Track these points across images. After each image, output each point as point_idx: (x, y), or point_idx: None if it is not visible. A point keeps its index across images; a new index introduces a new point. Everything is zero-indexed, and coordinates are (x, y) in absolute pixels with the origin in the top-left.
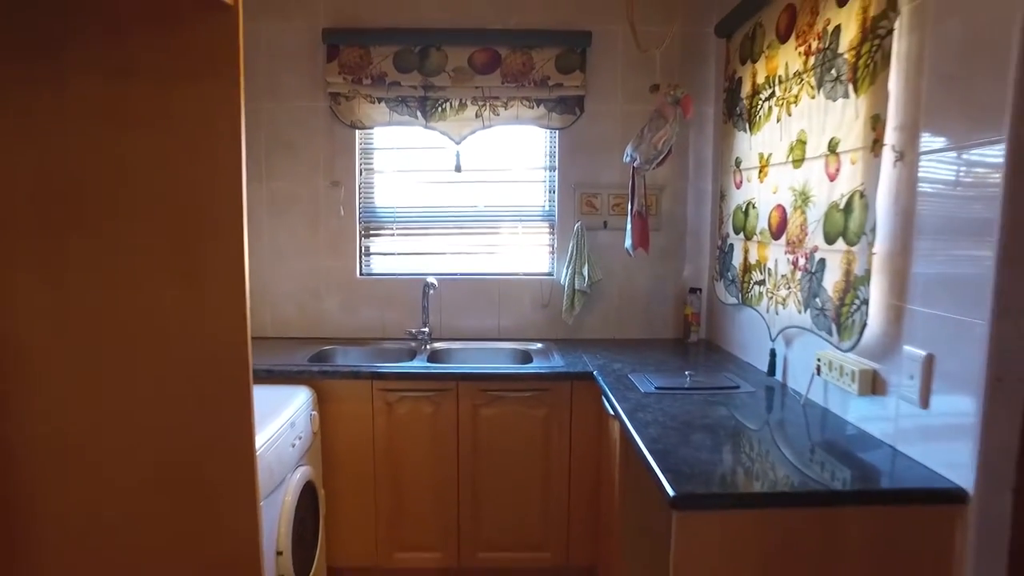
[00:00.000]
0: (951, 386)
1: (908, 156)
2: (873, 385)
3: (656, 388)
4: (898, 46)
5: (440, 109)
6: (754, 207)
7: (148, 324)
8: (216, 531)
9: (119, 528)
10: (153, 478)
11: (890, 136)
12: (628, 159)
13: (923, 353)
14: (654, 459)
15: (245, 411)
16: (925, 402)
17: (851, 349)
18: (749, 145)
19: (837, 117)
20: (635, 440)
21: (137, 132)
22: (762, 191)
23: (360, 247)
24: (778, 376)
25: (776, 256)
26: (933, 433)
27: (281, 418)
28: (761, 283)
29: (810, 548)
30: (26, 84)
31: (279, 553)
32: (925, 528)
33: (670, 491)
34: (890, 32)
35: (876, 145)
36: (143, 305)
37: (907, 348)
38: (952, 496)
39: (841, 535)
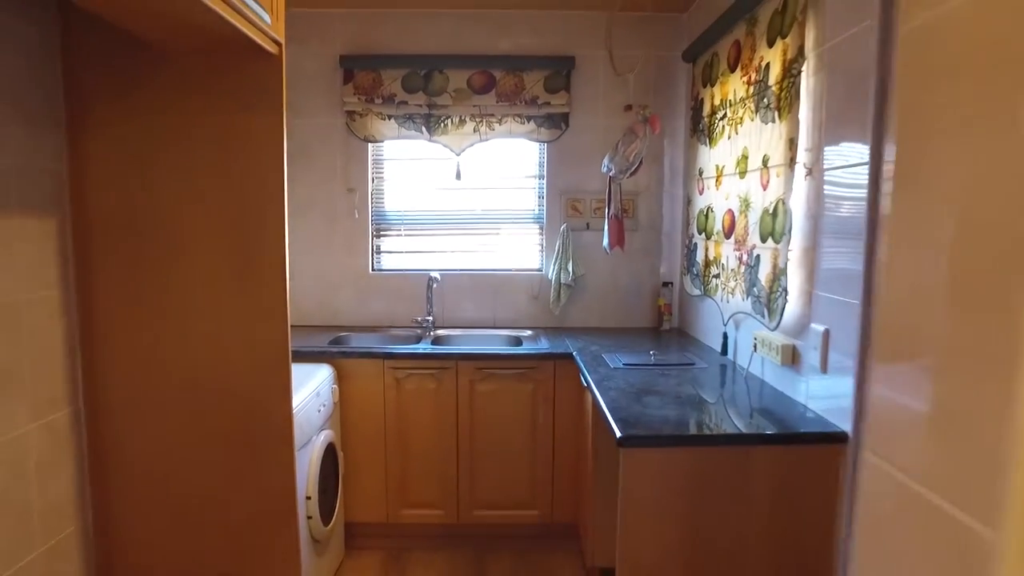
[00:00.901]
0: (840, 354)
1: (815, 172)
2: (792, 357)
3: (624, 364)
4: (806, 84)
5: (442, 125)
6: (712, 211)
7: (208, 308)
8: (261, 474)
9: (185, 471)
10: (211, 432)
11: (801, 155)
12: (605, 169)
13: (823, 329)
14: (609, 413)
15: (284, 380)
16: (824, 367)
17: (776, 328)
18: (708, 157)
19: (768, 137)
20: (598, 400)
21: (202, 152)
22: (717, 197)
23: (372, 246)
24: (729, 355)
25: (727, 253)
26: (830, 392)
27: (309, 388)
28: (717, 276)
29: (726, 478)
30: (119, 116)
31: (308, 497)
32: (816, 463)
33: (617, 433)
34: (800, 72)
35: (792, 162)
36: (204, 293)
37: (813, 326)
38: (836, 438)
39: (751, 468)
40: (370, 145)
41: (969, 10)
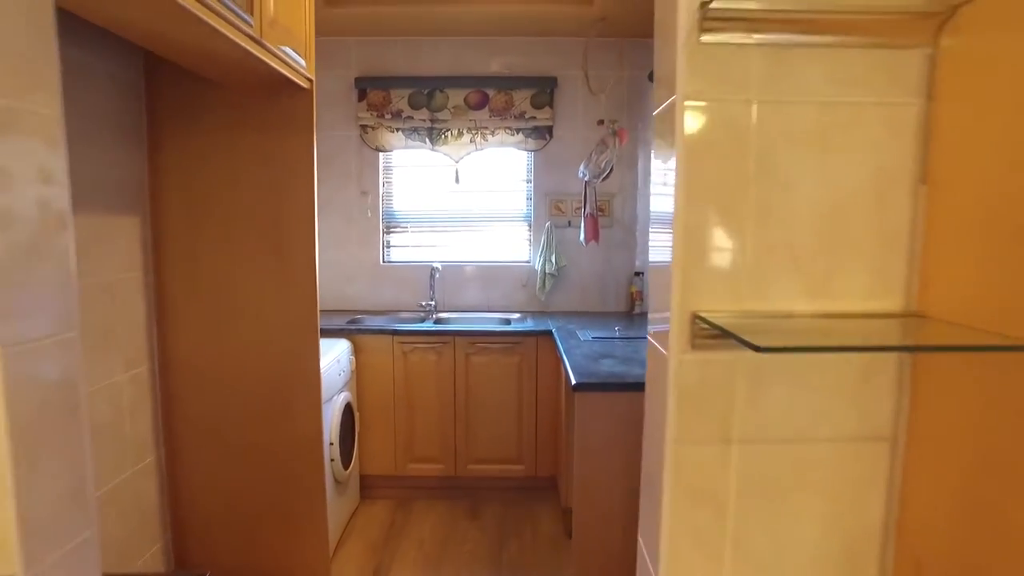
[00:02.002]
0: None
1: None
2: None
3: (592, 337)
4: None
5: (443, 136)
6: None
7: (253, 286)
8: (295, 420)
9: (234, 417)
10: (256, 386)
11: None
12: (581, 175)
13: None
14: (570, 369)
15: (313, 344)
16: None
17: None
18: None
19: None
20: (564, 361)
21: (249, 164)
22: None
23: (382, 241)
24: None
25: None
26: None
27: (331, 355)
28: None
29: None
30: (185, 136)
31: (331, 443)
32: None
33: (573, 381)
34: None
35: None
36: (250, 274)
37: None
38: None
39: None
40: (381, 154)
41: (662, 115)
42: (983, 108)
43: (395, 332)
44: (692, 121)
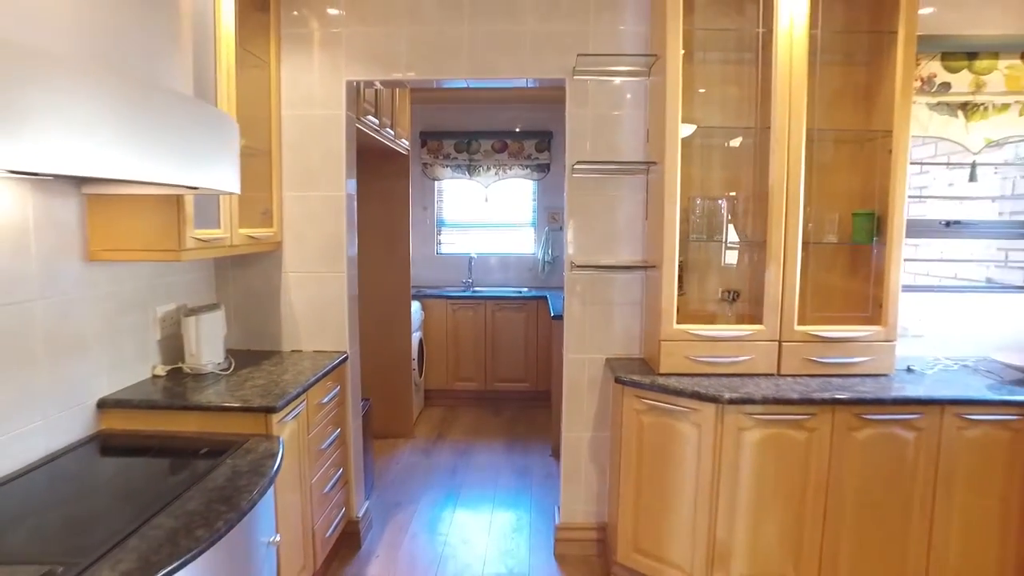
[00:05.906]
0: None
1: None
2: None
3: None
4: None
5: (478, 171)
6: None
7: (376, 264)
8: (395, 339)
9: (372, 330)
10: (377, 319)
11: None
12: None
13: None
14: (552, 310)
15: (406, 295)
16: None
17: None
18: None
19: None
20: (550, 308)
21: (375, 196)
22: None
23: (436, 239)
24: None
25: None
26: None
27: (412, 308)
28: None
29: None
30: (364, 184)
31: (413, 358)
32: None
33: (552, 314)
34: None
35: None
36: (375, 257)
37: None
38: None
39: None
40: (435, 182)
41: (565, 195)
42: (655, 197)
43: (447, 297)
44: (572, 198)
